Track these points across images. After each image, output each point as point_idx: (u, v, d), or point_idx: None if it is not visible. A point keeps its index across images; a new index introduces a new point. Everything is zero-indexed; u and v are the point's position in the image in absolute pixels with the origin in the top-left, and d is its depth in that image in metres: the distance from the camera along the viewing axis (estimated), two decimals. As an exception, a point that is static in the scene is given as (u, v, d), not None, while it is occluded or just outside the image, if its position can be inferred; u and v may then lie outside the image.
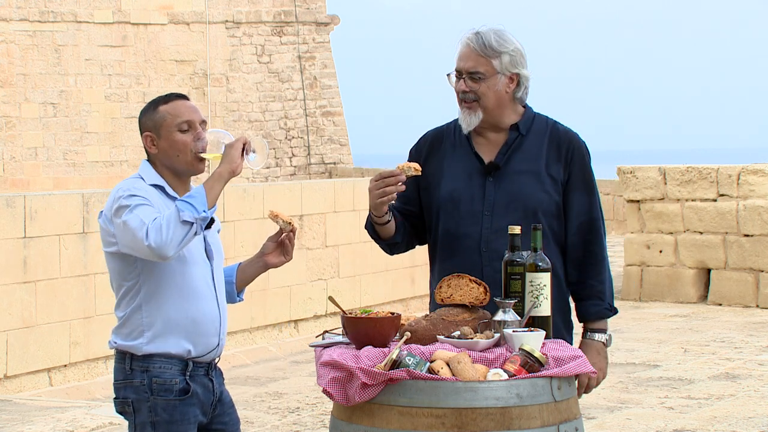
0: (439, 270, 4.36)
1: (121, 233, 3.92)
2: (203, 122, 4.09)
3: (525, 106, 4.40)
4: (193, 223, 3.81)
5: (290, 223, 4.14)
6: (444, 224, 4.33)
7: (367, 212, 4.35)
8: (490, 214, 4.26)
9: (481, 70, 4.27)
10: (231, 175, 3.92)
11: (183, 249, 3.89)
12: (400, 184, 4.16)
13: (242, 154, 3.94)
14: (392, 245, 4.44)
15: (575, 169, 4.35)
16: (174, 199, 4.05)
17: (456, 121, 4.45)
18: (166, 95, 4.12)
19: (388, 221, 4.32)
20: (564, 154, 4.34)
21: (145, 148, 4.11)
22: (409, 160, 4.42)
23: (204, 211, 3.82)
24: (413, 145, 4.52)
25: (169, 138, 4.04)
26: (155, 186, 4.04)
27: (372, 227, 4.38)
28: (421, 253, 4.78)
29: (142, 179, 4.05)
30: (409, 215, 4.42)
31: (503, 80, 4.29)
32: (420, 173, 4.18)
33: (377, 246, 4.49)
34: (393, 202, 4.23)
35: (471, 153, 4.35)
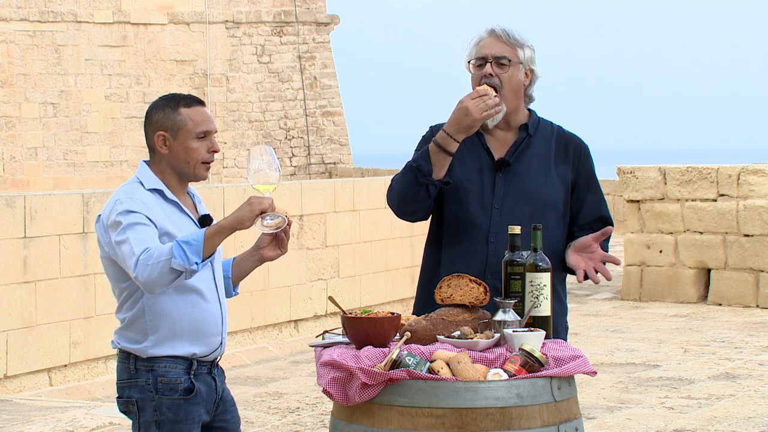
0: (445, 254, 4.39)
1: (113, 251, 3.95)
2: (216, 131, 4.11)
3: (530, 110, 4.52)
4: (181, 272, 3.82)
5: (285, 215, 4.11)
6: (454, 210, 4.39)
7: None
8: (499, 208, 4.35)
9: (507, 56, 4.40)
10: (234, 231, 3.90)
11: None
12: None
13: (257, 216, 3.91)
14: (430, 196, 4.33)
15: (583, 171, 4.49)
16: (172, 203, 4.05)
17: None
18: (186, 97, 4.08)
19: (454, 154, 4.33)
20: (572, 156, 4.48)
21: (151, 145, 4.07)
22: (419, 148, 4.44)
23: (196, 263, 3.82)
24: (426, 133, 4.54)
25: (185, 143, 4.03)
26: (154, 190, 4.04)
27: (427, 161, 4.28)
28: (421, 253, 4.77)
29: (141, 184, 4.04)
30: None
31: (523, 72, 4.44)
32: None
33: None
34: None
35: (482, 148, 4.44)
